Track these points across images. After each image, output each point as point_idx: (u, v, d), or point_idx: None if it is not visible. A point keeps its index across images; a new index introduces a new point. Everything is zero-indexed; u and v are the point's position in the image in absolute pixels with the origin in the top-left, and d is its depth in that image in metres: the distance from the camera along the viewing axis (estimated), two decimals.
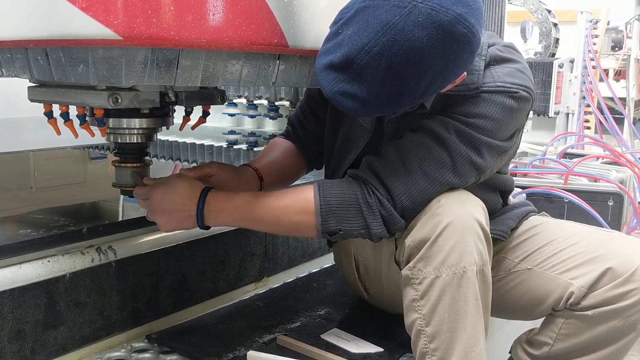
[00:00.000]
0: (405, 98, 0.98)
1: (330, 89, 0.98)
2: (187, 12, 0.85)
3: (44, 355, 1.23)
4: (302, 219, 1.15)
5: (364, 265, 1.46)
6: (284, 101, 2.36)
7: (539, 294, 1.24)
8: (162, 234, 1.43)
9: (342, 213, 1.12)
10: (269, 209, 1.17)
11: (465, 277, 1.08)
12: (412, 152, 1.13)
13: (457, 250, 1.08)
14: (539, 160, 2.73)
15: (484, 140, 1.12)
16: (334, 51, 0.97)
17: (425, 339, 1.13)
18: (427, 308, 1.11)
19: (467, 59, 0.99)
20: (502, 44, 1.20)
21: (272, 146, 1.51)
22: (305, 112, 1.49)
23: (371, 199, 1.11)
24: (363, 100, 0.97)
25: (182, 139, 2.58)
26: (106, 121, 1.16)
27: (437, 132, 1.12)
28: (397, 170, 1.12)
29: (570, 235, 1.27)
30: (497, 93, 1.12)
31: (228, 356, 1.30)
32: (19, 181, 1.99)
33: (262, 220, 1.18)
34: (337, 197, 1.13)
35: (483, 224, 1.12)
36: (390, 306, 1.48)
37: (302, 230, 1.17)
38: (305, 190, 1.16)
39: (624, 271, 1.15)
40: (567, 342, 1.22)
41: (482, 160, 1.14)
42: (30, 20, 0.84)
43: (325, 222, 1.13)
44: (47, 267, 1.21)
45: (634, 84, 4.96)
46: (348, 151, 1.31)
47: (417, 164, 1.12)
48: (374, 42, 0.92)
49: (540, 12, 3.64)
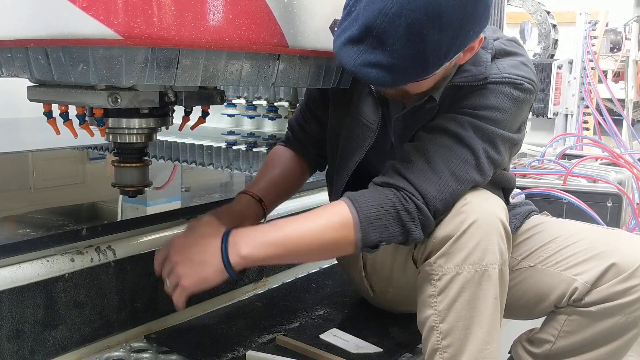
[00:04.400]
0: (430, 59, 0.98)
1: (353, 62, 0.97)
2: (188, 12, 0.85)
3: (43, 355, 1.23)
4: (340, 234, 1.11)
5: (372, 263, 1.45)
6: (283, 102, 2.36)
7: (541, 291, 1.25)
8: (162, 234, 1.43)
9: (382, 223, 1.10)
10: (303, 228, 1.11)
11: (486, 274, 1.09)
12: (437, 154, 1.12)
13: (481, 248, 1.09)
14: (538, 161, 2.73)
15: (498, 133, 1.14)
16: (351, 27, 0.97)
17: (439, 335, 1.13)
18: (443, 304, 1.12)
19: (483, 13, 1.00)
20: (506, 38, 1.22)
21: (270, 160, 1.48)
22: (305, 115, 1.49)
23: (409, 205, 1.10)
24: (389, 67, 0.97)
25: (181, 139, 2.58)
26: (106, 121, 1.16)
27: (454, 131, 1.12)
28: (427, 174, 1.11)
29: (573, 233, 1.28)
30: (504, 84, 1.14)
31: (227, 356, 1.30)
32: (17, 181, 1.99)
33: (296, 246, 1.10)
34: (374, 209, 1.10)
35: (505, 223, 1.13)
36: (394, 305, 1.48)
37: (340, 248, 1.13)
38: (337, 206, 1.13)
39: (628, 267, 1.16)
40: (569, 339, 1.22)
41: (498, 154, 1.16)
42: (31, 20, 0.84)
43: (366, 236, 1.10)
44: (46, 267, 1.21)
45: (633, 86, 4.97)
46: (353, 152, 1.30)
47: (444, 166, 1.12)
48: (391, 4, 0.93)
49: (539, 13, 3.64)
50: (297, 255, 1.16)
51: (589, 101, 3.82)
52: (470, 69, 1.15)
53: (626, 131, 4.68)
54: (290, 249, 1.11)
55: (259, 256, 1.10)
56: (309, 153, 1.49)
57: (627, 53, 4.94)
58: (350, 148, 1.31)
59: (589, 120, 4.01)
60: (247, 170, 2.34)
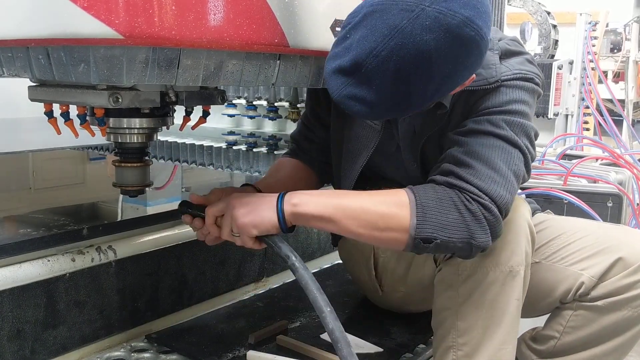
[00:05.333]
0: (414, 101, 0.98)
1: (339, 93, 0.98)
2: (188, 11, 0.85)
3: (44, 354, 1.23)
4: (393, 211, 1.05)
5: (386, 262, 1.45)
6: (283, 102, 2.36)
7: (547, 287, 1.25)
8: (162, 234, 1.43)
9: (441, 219, 1.04)
10: (358, 197, 1.09)
11: (511, 275, 1.10)
12: (494, 155, 1.08)
13: (508, 249, 1.10)
14: (538, 161, 2.73)
15: (530, 125, 1.14)
16: (343, 55, 0.97)
17: (455, 333, 1.13)
18: (466, 304, 1.12)
19: (475, 61, 0.99)
20: (509, 38, 1.22)
21: (276, 167, 1.48)
22: (309, 123, 1.48)
23: (472, 206, 1.04)
24: (371, 104, 0.97)
25: (181, 139, 2.58)
26: (106, 121, 1.16)
27: (494, 132, 1.10)
28: (492, 177, 1.06)
29: (578, 228, 1.28)
30: (517, 79, 1.14)
31: (227, 356, 1.30)
32: (18, 181, 1.99)
33: (349, 208, 1.07)
34: (433, 201, 1.04)
35: (532, 226, 1.13)
36: (402, 305, 1.48)
37: (391, 227, 1.05)
38: (397, 190, 1.08)
39: (634, 261, 1.17)
40: (574, 334, 1.23)
41: (533, 148, 1.15)
42: (32, 19, 0.84)
43: (420, 224, 1.03)
44: (47, 267, 1.21)
45: (633, 86, 4.97)
46: (358, 153, 1.30)
47: (506, 167, 1.08)
48: (382, 46, 0.92)
49: (539, 13, 3.64)
50: (346, 222, 1.08)
51: (589, 101, 3.83)
52: (480, 72, 1.13)
53: (626, 131, 4.68)
54: (340, 213, 1.07)
55: (309, 210, 1.08)
56: (315, 162, 1.47)
57: (627, 53, 4.94)
58: (355, 150, 1.31)
59: (589, 121, 4.01)
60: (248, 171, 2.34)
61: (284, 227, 1.10)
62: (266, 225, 1.10)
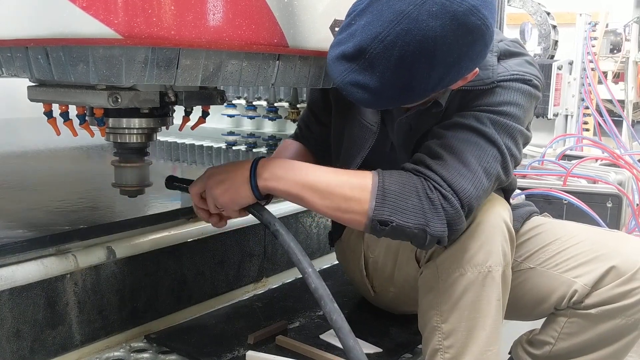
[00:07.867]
0: (417, 90, 0.98)
1: (342, 79, 0.97)
2: (188, 11, 0.85)
3: (43, 355, 1.23)
4: (355, 195, 1.06)
5: (374, 263, 1.45)
6: (283, 102, 2.37)
7: (541, 293, 1.25)
8: (162, 234, 1.43)
9: (400, 204, 1.04)
10: (325, 176, 1.10)
11: (490, 276, 1.09)
12: (467, 150, 1.08)
13: (484, 249, 1.09)
14: (538, 161, 2.74)
15: (517, 128, 1.13)
16: (346, 42, 0.96)
17: (440, 336, 1.13)
18: (447, 305, 1.12)
19: (480, 52, 0.98)
20: (509, 40, 1.21)
21: (281, 148, 1.52)
22: (309, 116, 1.50)
23: (433, 194, 1.04)
24: (374, 91, 0.96)
25: (181, 139, 2.58)
26: (106, 121, 1.16)
27: (477, 128, 1.10)
28: (460, 170, 1.06)
29: (573, 234, 1.28)
30: (513, 81, 1.13)
31: (227, 356, 1.30)
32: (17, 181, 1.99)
33: (315, 187, 1.08)
34: (396, 185, 1.05)
35: (509, 225, 1.12)
36: (395, 305, 1.48)
37: (352, 209, 1.07)
38: (365, 173, 1.10)
39: (627, 269, 1.16)
40: (569, 341, 1.23)
41: (518, 152, 1.14)
42: (31, 20, 0.84)
43: (379, 207, 1.04)
44: (46, 267, 1.21)
45: (633, 87, 4.97)
46: (355, 153, 1.30)
47: (476, 162, 1.07)
48: (388, 31, 0.92)
49: (539, 14, 3.64)
50: (312, 201, 1.10)
51: (589, 102, 3.83)
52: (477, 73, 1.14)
53: (626, 132, 4.68)
54: (307, 192, 1.09)
55: (278, 187, 1.10)
56: (316, 149, 1.50)
57: (627, 54, 4.95)
58: (351, 150, 1.31)
59: (589, 121, 4.01)
60: None
61: (260, 198, 1.12)
62: (244, 199, 1.12)
